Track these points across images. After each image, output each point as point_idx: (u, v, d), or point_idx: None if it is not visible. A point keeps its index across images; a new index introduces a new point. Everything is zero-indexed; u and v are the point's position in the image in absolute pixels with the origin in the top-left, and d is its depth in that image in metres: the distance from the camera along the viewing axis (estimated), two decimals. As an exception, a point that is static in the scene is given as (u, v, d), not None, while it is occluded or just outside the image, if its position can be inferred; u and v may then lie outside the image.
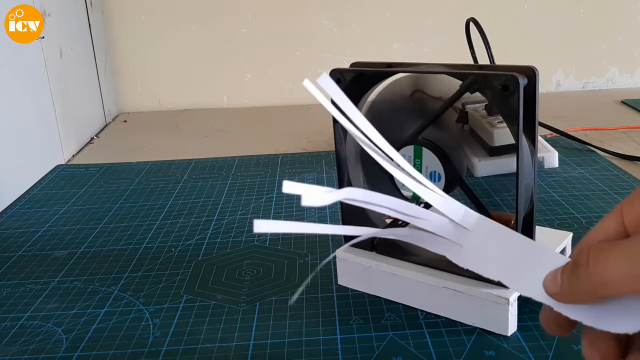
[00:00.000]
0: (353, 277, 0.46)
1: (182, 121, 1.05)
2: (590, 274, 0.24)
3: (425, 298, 0.43)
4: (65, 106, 0.86)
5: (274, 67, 1.12)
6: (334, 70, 0.43)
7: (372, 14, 1.11)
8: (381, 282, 0.44)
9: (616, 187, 0.64)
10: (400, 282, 0.43)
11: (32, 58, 0.79)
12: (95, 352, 0.40)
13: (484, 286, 0.40)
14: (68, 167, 0.81)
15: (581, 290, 0.25)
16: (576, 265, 0.25)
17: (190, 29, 1.10)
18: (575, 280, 0.25)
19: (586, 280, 0.24)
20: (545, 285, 0.27)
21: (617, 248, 0.24)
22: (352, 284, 0.46)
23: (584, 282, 0.25)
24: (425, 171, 0.41)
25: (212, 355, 0.39)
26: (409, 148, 0.41)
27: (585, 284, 0.25)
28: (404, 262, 0.44)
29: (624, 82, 1.16)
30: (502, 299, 0.39)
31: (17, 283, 0.50)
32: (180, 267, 0.51)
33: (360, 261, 0.45)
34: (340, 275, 0.47)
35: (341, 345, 0.40)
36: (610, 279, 0.23)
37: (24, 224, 0.62)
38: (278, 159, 0.80)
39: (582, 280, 0.25)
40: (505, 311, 0.39)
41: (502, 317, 0.39)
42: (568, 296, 0.26)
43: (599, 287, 0.24)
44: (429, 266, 0.42)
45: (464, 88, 0.38)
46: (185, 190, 0.70)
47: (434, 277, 0.42)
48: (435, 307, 0.42)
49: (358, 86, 0.42)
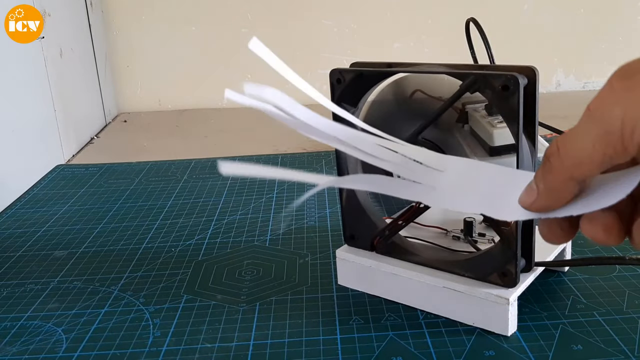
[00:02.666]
0: (353, 277, 0.46)
1: (182, 121, 1.05)
2: (563, 158, 0.25)
3: (425, 298, 0.43)
4: (65, 106, 0.86)
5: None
6: (334, 70, 0.42)
7: (372, 13, 1.11)
8: (381, 282, 0.44)
9: (616, 187, 0.64)
10: (400, 282, 0.43)
11: (32, 58, 0.79)
12: (95, 352, 0.40)
13: (484, 286, 0.40)
14: (68, 167, 0.81)
15: (557, 182, 0.26)
16: (547, 157, 0.26)
17: (190, 29, 1.10)
18: (549, 173, 0.26)
19: (560, 167, 0.26)
20: (522, 200, 0.28)
21: (580, 128, 0.25)
22: (352, 284, 0.46)
23: (558, 171, 0.26)
24: None
25: (212, 355, 0.39)
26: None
27: (560, 171, 0.26)
28: (404, 262, 0.43)
29: (624, 82, 1.16)
30: (502, 299, 0.39)
31: (17, 283, 0.50)
32: (180, 267, 0.51)
33: (360, 261, 0.45)
34: (340, 276, 0.47)
35: (341, 345, 0.40)
36: (581, 156, 0.25)
37: (24, 224, 0.62)
38: (278, 159, 0.80)
39: (556, 169, 0.26)
40: (505, 311, 0.39)
41: (502, 317, 0.39)
42: (547, 196, 0.27)
43: (573, 169, 0.25)
44: (429, 266, 0.42)
45: (464, 88, 0.38)
46: (185, 190, 0.70)
47: (434, 277, 0.42)
48: (435, 307, 0.42)
49: (358, 86, 0.42)
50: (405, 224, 0.44)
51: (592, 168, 0.25)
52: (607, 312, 0.42)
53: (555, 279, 0.46)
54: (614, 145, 0.24)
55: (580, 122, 0.25)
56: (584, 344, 0.39)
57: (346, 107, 0.42)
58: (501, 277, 0.40)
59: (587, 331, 0.40)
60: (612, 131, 0.24)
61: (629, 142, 0.24)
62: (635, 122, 0.23)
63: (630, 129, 0.24)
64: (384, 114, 0.44)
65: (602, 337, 0.39)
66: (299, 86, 0.31)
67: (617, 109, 0.24)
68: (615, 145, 0.24)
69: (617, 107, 0.24)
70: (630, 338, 0.39)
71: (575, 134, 0.25)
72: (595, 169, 0.25)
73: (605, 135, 0.24)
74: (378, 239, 0.45)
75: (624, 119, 0.24)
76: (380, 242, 0.45)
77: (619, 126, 0.24)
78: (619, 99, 0.24)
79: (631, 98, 0.24)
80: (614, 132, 0.24)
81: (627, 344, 0.38)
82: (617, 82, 0.25)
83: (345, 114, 0.35)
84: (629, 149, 0.24)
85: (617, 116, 0.24)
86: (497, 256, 0.40)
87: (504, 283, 0.40)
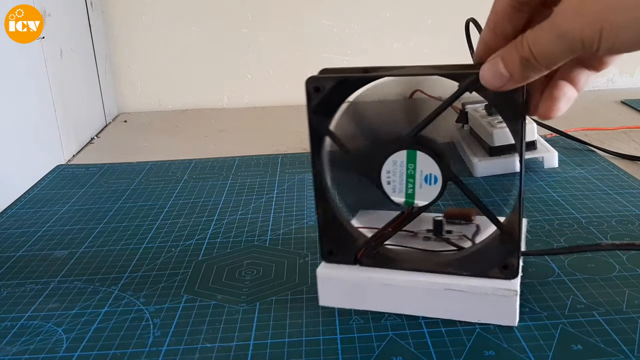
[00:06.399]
0: (339, 295, 0.43)
1: (182, 121, 1.05)
2: (538, 57, 0.31)
3: (424, 304, 0.42)
4: (65, 106, 0.86)
5: (274, 67, 1.12)
6: (311, 77, 0.40)
7: (372, 14, 1.11)
8: (373, 295, 0.43)
9: (616, 187, 0.64)
10: (395, 291, 0.42)
11: (32, 58, 0.79)
12: (95, 352, 0.40)
13: (486, 281, 0.40)
14: (68, 167, 0.81)
15: (534, 71, 0.32)
16: (526, 58, 0.31)
17: (190, 29, 1.10)
18: (529, 68, 0.32)
19: (536, 64, 0.31)
20: (491, 81, 0.34)
21: (546, 21, 0.30)
22: (338, 303, 0.44)
23: (535, 64, 0.31)
24: (420, 175, 0.40)
25: (212, 355, 0.39)
26: (401, 154, 0.40)
27: (537, 66, 0.31)
28: (396, 271, 0.42)
29: (624, 82, 1.16)
30: (510, 291, 0.39)
31: (17, 283, 0.50)
32: (180, 267, 0.51)
33: (348, 277, 0.43)
34: (322, 296, 0.44)
35: (341, 345, 0.40)
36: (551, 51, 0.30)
37: (24, 224, 0.62)
38: (278, 159, 0.80)
39: (534, 64, 0.31)
40: (514, 302, 0.39)
41: (510, 309, 0.40)
42: (522, 78, 0.32)
43: (548, 61, 0.31)
44: (424, 270, 0.42)
45: (465, 87, 0.38)
46: (185, 190, 0.70)
47: (433, 280, 0.41)
48: (435, 311, 0.42)
49: (338, 94, 0.40)
50: (395, 231, 0.43)
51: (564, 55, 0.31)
52: (607, 312, 0.42)
53: (555, 279, 0.46)
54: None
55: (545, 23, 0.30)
56: (584, 344, 0.39)
57: (321, 117, 0.41)
58: (502, 270, 0.40)
59: (587, 331, 0.40)
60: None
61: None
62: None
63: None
64: (375, 117, 0.44)
65: (602, 337, 0.39)
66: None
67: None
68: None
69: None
70: (630, 338, 0.39)
71: (539, 30, 0.31)
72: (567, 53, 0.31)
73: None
74: (363, 251, 0.43)
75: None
76: (365, 253, 0.43)
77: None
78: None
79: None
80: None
81: (627, 344, 0.38)
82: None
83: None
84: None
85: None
86: (496, 250, 0.40)
87: (505, 276, 0.40)
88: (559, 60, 0.31)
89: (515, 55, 0.31)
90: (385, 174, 0.41)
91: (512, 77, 0.32)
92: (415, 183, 0.40)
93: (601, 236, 0.53)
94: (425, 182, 0.40)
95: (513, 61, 0.32)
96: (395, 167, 0.40)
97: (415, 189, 0.41)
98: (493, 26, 0.34)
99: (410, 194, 0.41)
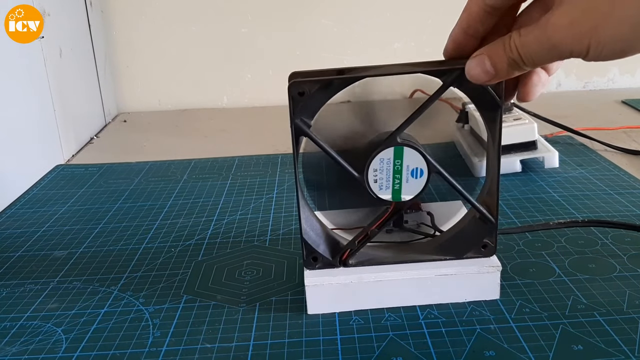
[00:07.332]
0: (329, 301, 0.43)
1: (182, 121, 1.05)
2: (526, 60, 0.33)
3: (415, 292, 0.43)
4: (65, 106, 0.86)
5: (274, 67, 1.12)
6: (295, 82, 0.39)
7: (372, 13, 1.11)
8: (365, 294, 0.43)
9: (616, 187, 0.64)
10: (386, 286, 0.43)
11: (32, 58, 0.78)
12: (95, 352, 0.40)
13: (470, 262, 0.43)
14: (68, 167, 0.81)
15: (520, 70, 0.34)
16: (513, 59, 0.34)
17: (190, 29, 1.10)
18: (515, 68, 0.34)
19: (522, 65, 0.34)
20: (477, 76, 0.36)
21: (534, 29, 0.32)
22: (328, 309, 0.43)
23: (522, 65, 0.34)
24: (406, 170, 0.41)
25: (212, 355, 0.39)
26: (388, 151, 0.40)
27: (523, 66, 0.34)
28: (383, 267, 0.43)
29: (625, 82, 1.16)
30: (493, 267, 0.43)
31: (17, 283, 0.50)
32: (180, 267, 0.51)
33: (339, 280, 0.43)
34: (311, 305, 0.43)
35: (341, 346, 0.40)
36: (536, 51, 0.33)
37: (24, 224, 0.62)
38: (278, 159, 0.80)
39: (520, 65, 0.34)
40: (497, 277, 0.43)
41: (494, 284, 0.43)
42: (507, 75, 0.35)
43: (534, 64, 0.34)
44: (409, 261, 0.43)
45: (449, 83, 0.39)
46: (185, 190, 0.70)
47: (422, 269, 0.43)
48: (425, 298, 0.43)
49: (321, 97, 0.40)
50: (380, 229, 0.44)
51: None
52: (607, 312, 0.42)
53: (556, 279, 0.46)
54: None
55: (533, 27, 0.33)
56: (584, 344, 0.39)
57: (305, 120, 0.41)
58: (482, 249, 0.43)
59: (588, 331, 0.40)
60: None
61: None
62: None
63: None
64: (358, 118, 0.44)
65: (603, 337, 0.39)
66: None
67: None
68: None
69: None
70: (630, 338, 0.39)
71: (527, 33, 0.33)
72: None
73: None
74: (348, 252, 0.43)
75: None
76: (349, 255, 0.44)
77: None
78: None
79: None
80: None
81: (627, 344, 0.38)
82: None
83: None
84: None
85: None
86: (474, 232, 0.43)
87: (484, 254, 0.43)
88: (546, 63, 0.35)
89: (502, 55, 0.34)
90: (372, 172, 0.41)
91: (497, 73, 0.35)
92: (402, 178, 0.41)
93: (601, 236, 0.53)
94: (411, 176, 0.41)
95: (500, 60, 0.34)
96: (383, 165, 0.41)
97: (402, 184, 0.41)
98: (466, 26, 0.37)
99: (396, 189, 0.42)
